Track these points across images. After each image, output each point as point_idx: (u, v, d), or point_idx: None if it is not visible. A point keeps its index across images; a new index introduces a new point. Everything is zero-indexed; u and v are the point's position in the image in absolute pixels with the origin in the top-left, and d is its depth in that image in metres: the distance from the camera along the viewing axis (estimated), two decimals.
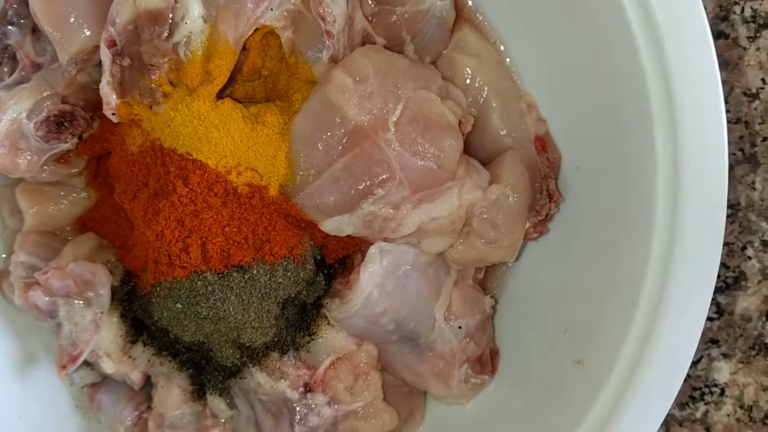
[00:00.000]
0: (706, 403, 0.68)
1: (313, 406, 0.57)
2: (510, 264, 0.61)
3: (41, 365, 0.64)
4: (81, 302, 0.58)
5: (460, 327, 0.57)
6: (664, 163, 0.48)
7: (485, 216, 0.55)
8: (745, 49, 0.63)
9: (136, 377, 0.61)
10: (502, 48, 0.59)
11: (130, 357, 0.61)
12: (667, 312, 0.47)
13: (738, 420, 0.68)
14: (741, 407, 0.67)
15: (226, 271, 0.54)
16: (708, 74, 0.48)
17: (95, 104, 0.56)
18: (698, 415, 0.68)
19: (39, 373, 0.64)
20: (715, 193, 0.48)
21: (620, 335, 0.49)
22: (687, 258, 0.48)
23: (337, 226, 0.54)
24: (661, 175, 0.48)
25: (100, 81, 0.56)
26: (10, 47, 0.58)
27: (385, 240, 0.55)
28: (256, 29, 0.53)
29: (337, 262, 0.59)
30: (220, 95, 0.53)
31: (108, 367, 0.61)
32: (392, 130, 0.51)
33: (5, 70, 0.58)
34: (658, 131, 0.48)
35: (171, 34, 0.51)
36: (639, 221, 0.49)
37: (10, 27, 0.57)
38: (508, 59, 0.59)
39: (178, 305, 0.55)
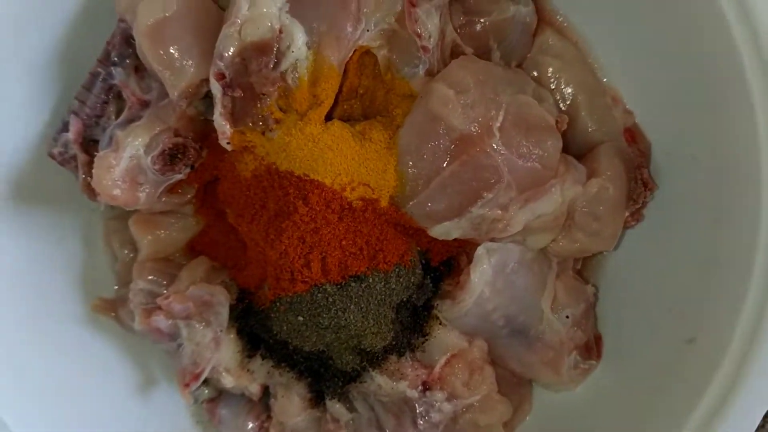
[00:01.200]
0: None
1: (433, 402, 0.59)
2: (605, 252, 0.64)
3: (160, 386, 0.67)
4: (202, 323, 0.61)
5: (567, 316, 0.60)
6: (767, 135, 0.50)
7: (586, 209, 0.57)
8: None
9: (255, 389, 0.64)
10: (583, 47, 0.61)
11: (248, 371, 0.64)
12: None
13: None
14: None
15: (344, 282, 0.56)
16: None
17: (204, 134, 0.59)
18: None
19: (159, 394, 0.67)
20: None
21: (733, 311, 0.51)
22: None
23: (445, 230, 0.56)
24: (765, 150, 0.50)
25: (207, 112, 0.59)
26: (115, 87, 0.60)
27: (492, 240, 0.58)
28: (355, 50, 0.56)
29: (441, 264, 0.61)
30: (326, 117, 0.56)
31: (228, 381, 0.64)
32: (497, 135, 0.54)
33: (111, 109, 0.61)
34: (757, 106, 0.50)
35: (278, 62, 0.54)
36: (744, 199, 0.51)
37: (113, 68, 0.60)
38: (590, 57, 0.61)
39: (300, 318, 0.58)
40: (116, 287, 0.67)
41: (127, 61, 0.60)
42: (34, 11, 0.58)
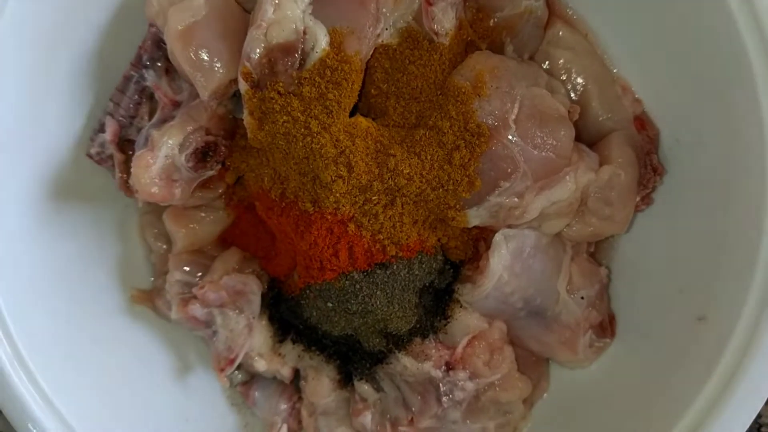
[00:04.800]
0: None
1: (456, 381, 0.63)
2: (618, 236, 0.66)
3: (197, 372, 0.71)
4: (235, 311, 0.65)
5: (582, 297, 0.63)
6: None
7: (599, 195, 0.60)
8: None
9: (286, 372, 0.68)
10: (593, 38, 0.63)
11: (279, 355, 0.68)
12: None
13: None
14: None
15: (370, 270, 0.60)
16: None
17: (233, 132, 0.63)
18: None
19: (196, 379, 0.71)
20: None
21: (742, 290, 0.54)
22: None
23: (467, 218, 0.59)
24: None
25: (236, 111, 0.62)
26: (147, 88, 0.64)
27: (509, 227, 0.61)
28: (375, 48, 0.59)
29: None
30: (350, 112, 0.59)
31: (260, 366, 0.67)
32: (513, 127, 0.56)
33: (145, 110, 0.64)
34: (762, 93, 0.52)
35: (303, 63, 0.57)
36: (750, 182, 0.54)
37: (145, 70, 0.63)
38: (600, 48, 0.63)
39: (329, 304, 0.61)
40: (152, 279, 0.71)
41: (159, 64, 0.63)
42: (69, 21, 0.61)
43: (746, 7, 0.53)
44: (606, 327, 0.65)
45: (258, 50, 0.56)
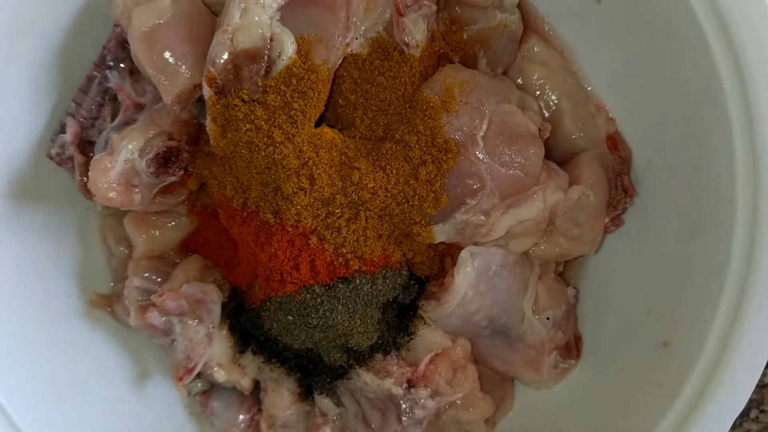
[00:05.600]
0: None
1: (417, 399, 0.61)
2: (587, 255, 0.65)
3: (156, 379, 0.69)
4: (195, 320, 0.63)
5: (547, 318, 0.62)
6: (742, 149, 0.51)
7: (567, 215, 0.59)
8: None
9: (246, 383, 0.67)
10: (569, 55, 0.62)
11: (239, 365, 0.66)
12: (753, 292, 0.51)
13: None
14: None
15: (332, 283, 0.58)
16: None
17: (196, 137, 0.61)
18: (767, 380, 0.73)
19: (155, 387, 0.69)
20: None
21: (707, 316, 0.53)
22: None
23: (431, 234, 0.58)
24: (740, 162, 0.51)
25: (200, 116, 0.61)
26: (110, 90, 0.62)
27: (476, 244, 0.59)
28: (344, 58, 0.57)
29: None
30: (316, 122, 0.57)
31: (220, 376, 0.66)
32: (481, 144, 0.55)
33: (107, 112, 0.63)
34: (734, 121, 0.51)
35: (269, 70, 0.55)
36: (719, 209, 0.53)
37: (109, 71, 0.61)
38: (575, 65, 0.62)
39: (289, 317, 0.60)
40: (112, 283, 0.69)
41: (122, 65, 0.61)
42: (31, 17, 0.59)
43: (721, 33, 0.52)
44: (571, 348, 0.64)
45: (223, 55, 0.55)
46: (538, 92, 0.62)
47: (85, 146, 0.63)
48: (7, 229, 0.63)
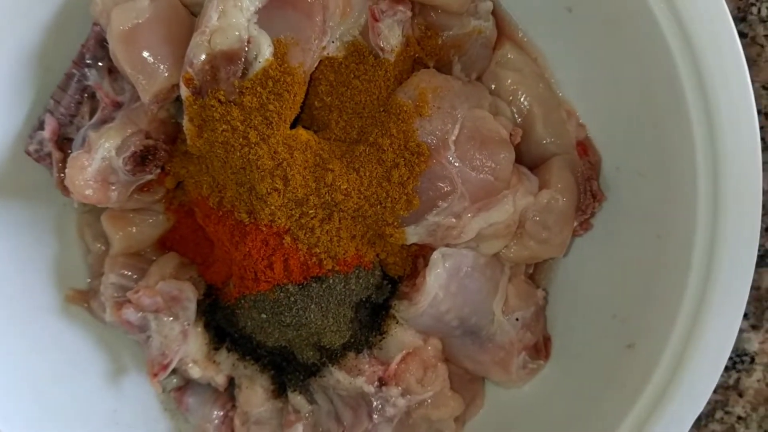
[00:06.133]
0: (738, 371, 0.74)
1: (388, 397, 0.62)
2: (556, 258, 0.67)
3: (131, 375, 0.70)
4: (170, 317, 0.64)
5: (517, 319, 0.63)
6: (704, 157, 0.53)
7: (537, 218, 0.60)
8: (762, 46, 0.69)
9: (221, 380, 0.67)
10: (542, 62, 0.64)
11: (214, 362, 0.67)
12: (713, 296, 0.53)
13: (767, 385, 0.75)
14: None
15: (305, 283, 0.59)
16: (737, 71, 0.52)
17: (174, 137, 0.62)
18: (731, 382, 0.75)
19: (130, 383, 0.70)
20: (752, 183, 0.52)
21: (670, 319, 0.55)
22: (729, 245, 0.52)
23: (403, 236, 0.59)
24: (701, 169, 0.53)
25: (178, 115, 0.62)
26: (89, 88, 0.63)
27: (447, 246, 0.61)
28: (320, 61, 0.58)
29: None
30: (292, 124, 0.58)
31: (195, 372, 0.67)
32: (452, 148, 0.56)
33: (85, 109, 0.63)
34: (696, 128, 0.53)
35: (246, 72, 0.56)
36: (682, 214, 0.54)
37: (88, 69, 0.62)
38: (547, 72, 0.64)
39: (263, 315, 0.61)
40: (89, 279, 0.69)
41: (101, 64, 0.62)
42: (11, 14, 0.60)
43: (685, 46, 0.53)
44: (540, 349, 0.65)
45: (201, 56, 0.55)
46: (511, 98, 0.63)
47: (64, 143, 0.63)
48: None
